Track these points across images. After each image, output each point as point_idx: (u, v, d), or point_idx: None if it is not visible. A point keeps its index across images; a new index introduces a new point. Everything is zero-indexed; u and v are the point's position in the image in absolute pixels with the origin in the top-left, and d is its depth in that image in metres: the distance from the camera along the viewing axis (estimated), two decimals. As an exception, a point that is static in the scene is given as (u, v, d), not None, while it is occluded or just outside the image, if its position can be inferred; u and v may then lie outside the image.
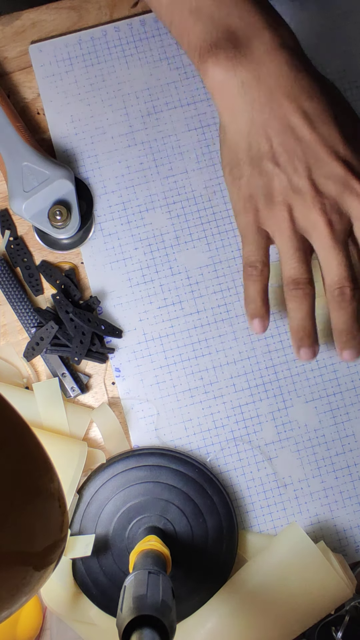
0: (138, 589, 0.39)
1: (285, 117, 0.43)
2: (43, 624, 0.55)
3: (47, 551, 0.33)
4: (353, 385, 0.56)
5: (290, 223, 0.44)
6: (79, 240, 0.56)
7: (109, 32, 0.58)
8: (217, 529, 0.52)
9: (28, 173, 0.53)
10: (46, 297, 0.56)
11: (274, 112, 0.43)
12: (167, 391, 0.55)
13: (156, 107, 0.57)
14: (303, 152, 0.43)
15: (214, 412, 0.55)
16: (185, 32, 0.44)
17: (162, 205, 0.57)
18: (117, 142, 0.57)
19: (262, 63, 0.42)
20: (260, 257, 0.46)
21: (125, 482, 0.52)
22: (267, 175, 0.44)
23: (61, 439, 0.53)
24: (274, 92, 0.42)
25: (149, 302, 0.56)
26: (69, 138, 0.57)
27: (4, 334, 0.56)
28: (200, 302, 0.56)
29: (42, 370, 0.56)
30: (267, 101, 0.43)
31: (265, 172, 0.44)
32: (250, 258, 0.47)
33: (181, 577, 0.52)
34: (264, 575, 0.51)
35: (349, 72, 0.58)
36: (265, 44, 0.42)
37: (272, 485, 0.55)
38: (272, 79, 0.42)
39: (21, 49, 0.58)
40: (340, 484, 0.55)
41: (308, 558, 0.51)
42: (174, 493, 0.52)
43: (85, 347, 0.53)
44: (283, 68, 0.42)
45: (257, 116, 0.43)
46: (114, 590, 0.52)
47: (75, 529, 0.52)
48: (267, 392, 0.55)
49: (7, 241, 0.56)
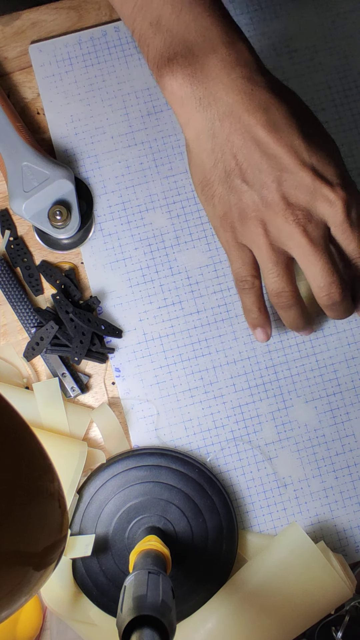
0: (138, 589, 0.39)
1: (247, 131, 0.42)
2: (43, 624, 0.55)
3: (47, 551, 0.33)
4: (353, 385, 0.56)
5: (265, 238, 0.44)
6: (79, 240, 0.56)
7: (109, 32, 0.58)
8: (217, 529, 0.52)
9: (28, 173, 0.53)
10: (46, 297, 0.56)
11: (235, 126, 0.42)
12: (167, 391, 0.55)
13: (156, 107, 0.57)
14: (268, 165, 0.42)
15: (214, 412, 0.55)
16: (145, 43, 0.44)
17: (162, 205, 0.57)
18: (117, 142, 0.57)
19: (218, 78, 0.42)
20: (249, 272, 0.47)
21: (125, 482, 0.52)
22: (237, 192, 0.43)
23: (61, 439, 0.53)
24: (233, 107, 0.42)
25: (149, 302, 0.56)
26: (69, 138, 0.57)
27: (4, 334, 0.56)
28: (200, 302, 0.56)
29: (42, 370, 0.56)
30: (227, 117, 0.42)
31: (235, 190, 0.44)
32: (239, 274, 0.47)
33: (181, 577, 0.52)
34: (264, 575, 0.51)
35: (349, 72, 0.58)
36: (222, 60, 0.42)
37: (272, 485, 0.55)
38: (230, 94, 0.42)
39: (21, 49, 0.58)
40: (340, 484, 0.55)
41: (308, 558, 0.51)
42: (174, 493, 0.52)
43: (85, 347, 0.53)
44: (240, 83, 0.42)
45: (219, 132, 0.42)
46: (114, 590, 0.52)
47: (75, 529, 0.52)
48: (267, 392, 0.55)
49: (7, 241, 0.56)
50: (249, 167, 0.43)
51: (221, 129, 0.42)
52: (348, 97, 0.58)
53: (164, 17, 0.43)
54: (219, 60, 0.42)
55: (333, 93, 0.58)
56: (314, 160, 0.42)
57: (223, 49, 0.42)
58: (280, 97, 0.42)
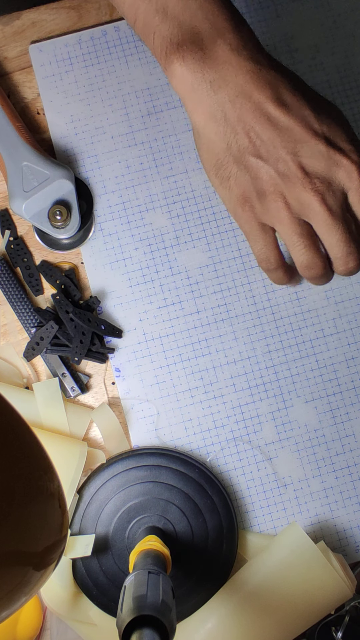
0: (138, 589, 0.38)
1: (258, 107, 0.43)
2: (43, 624, 0.55)
3: (47, 551, 0.33)
4: (353, 385, 0.55)
5: (287, 211, 0.44)
6: (79, 240, 0.56)
7: (109, 32, 0.58)
8: (217, 529, 0.52)
9: (28, 173, 0.53)
10: (46, 297, 0.56)
11: (246, 105, 0.43)
12: (167, 391, 0.55)
13: (156, 107, 0.57)
14: (282, 138, 0.43)
15: (214, 412, 0.55)
16: (150, 31, 0.45)
17: (162, 205, 0.57)
18: (117, 142, 0.57)
19: (228, 62, 0.43)
20: (272, 251, 0.47)
21: (125, 482, 0.52)
22: (253, 170, 0.44)
23: (61, 439, 0.53)
24: (243, 87, 0.43)
25: (149, 302, 0.56)
26: (69, 138, 0.57)
27: (4, 334, 0.56)
28: (200, 302, 0.56)
29: (42, 370, 0.56)
30: (238, 96, 0.43)
31: (250, 167, 0.44)
32: (263, 254, 0.47)
33: (181, 577, 0.52)
34: (264, 575, 0.51)
35: (349, 72, 0.58)
36: (229, 44, 0.43)
37: (272, 485, 0.54)
38: (239, 76, 0.43)
39: (21, 49, 0.58)
40: (340, 484, 0.55)
41: (308, 558, 0.51)
42: (174, 493, 0.52)
43: (85, 347, 0.53)
44: (247, 64, 0.43)
45: (230, 113, 0.43)
46: (114, 590, 0.52)
47: (75, 529, 0.52)
48: (267, 392, 0.55)
49: (7, 241, 0.56)
50: (262, 143, 0.43)
51: (232, 110, 0.43)
52: (349, 96, 0.58)
53: (169, 5, 0.44)
54: (227, 45, 0.43)
55: (334, 92, 0.58)
56: (324, 129, 0.43)
57: (230, 34, 0.43)
58: (284, 75, 0.44)
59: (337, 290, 0.56)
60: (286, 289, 0.56)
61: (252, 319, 0.56)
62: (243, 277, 0.56)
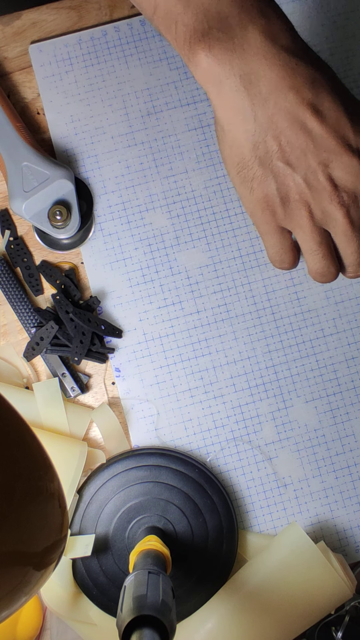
0: (138, 589, 0.38)
1: (292, 110, 0.40)
2: (43, 624, 0.55)
3: (47, 551, 0.33)
4: (353, 385, 0.56)
5: (309, 220, 0.43)
6: (79, 240, 0.56)
7: (109, 32, 0.58)
8: (217, 529, 0.52)
9: (28, 173, 0.53)
10: (46, 297, 0.56)
11: (278, 106, 0.40)
12: (167, 391, 0.55)
13: (156, 107, 0.57)
14: (314, 147, 0.41)
15: (214, 412, 0.55)
16: (172, 20, 0.41)
17: (162, 205, 0.57)
18: (117, 142, 0.57)
19: (261, 52, 0.39)
20: (288, 255, 0.46)
21: (125, 482, 0.52)
22: (280, 176, 0.42)
23: (61, 439, 0.53)
24: (277, 84, 0.39)
25: (149, 302, 0.56)
26: (69, 138, 0.57)
27: (4, 334, 0.56)
28: (200, 302, 0.56)
29: (42, 370, 0.56)
30: (270, 95, 0.40)
31: (277, 173, 0.42)
32: (278, 256, 0.46)
33: (181, 577, 0.52)
34: (264, 575, 0.51)
35: (350, 72, 0.58)
36: (262, 32, 0.39)
37: (272, 485, 0.54)
38: (273, 69, 0.39)
39: (21, 49, 0.58)
40: (340, 484, 0.55)
41: (308, 558, 0.51)
42: (174, 493, 0.52)
43: (85, 347, 0.53)
44: (283, 57, 0.39)
45: (261, 113, 0.40)
46: (114, 590, 0.52)
47: (75, 529, 0.52)
48: (267, 392, 0.55)
49: (7, 241, 0.56)
50: (292, 150, 0.41)
51: (263, 110, 0.40)
52: (348, 97, 0.58)
53: None
54: (259, 32, 0.39)
55: (333, 93, 0.58)
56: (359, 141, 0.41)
57: (262, 19, 0.39)
58: (324, 73, 0.41)
59: (337, 290, 0.56)
60: (286, 289, 0.56)
61: (252, 319, 0.56)
62: (243, 277, 0.56)
